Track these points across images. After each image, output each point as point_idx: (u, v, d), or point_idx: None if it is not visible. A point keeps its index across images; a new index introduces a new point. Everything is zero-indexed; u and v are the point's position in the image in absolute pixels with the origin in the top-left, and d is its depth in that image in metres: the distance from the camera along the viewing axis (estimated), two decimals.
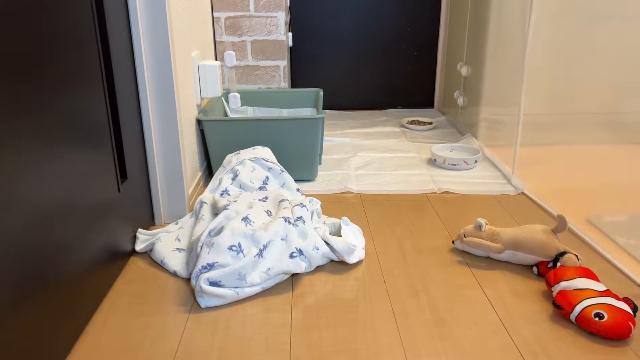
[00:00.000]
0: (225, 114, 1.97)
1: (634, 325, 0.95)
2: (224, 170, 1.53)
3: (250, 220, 1.19)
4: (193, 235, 1.26)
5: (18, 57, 0.78)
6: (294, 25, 2.70)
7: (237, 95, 1.96)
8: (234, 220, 1.18)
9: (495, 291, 1.12)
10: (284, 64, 2.32)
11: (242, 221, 1.18)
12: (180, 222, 1.41)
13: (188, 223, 1.40)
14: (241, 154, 1.55)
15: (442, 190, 1.69)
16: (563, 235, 1.36)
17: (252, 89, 2.11)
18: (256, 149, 1.58)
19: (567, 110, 1.47)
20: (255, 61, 2.31)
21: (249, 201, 1.31)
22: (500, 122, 1.91)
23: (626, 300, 1.00)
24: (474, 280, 1.16)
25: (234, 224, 1.16)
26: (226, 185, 1.46)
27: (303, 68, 2.78)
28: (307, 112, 2.08)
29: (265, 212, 1.26)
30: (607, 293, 1.01)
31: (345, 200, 1.63)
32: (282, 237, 1.17)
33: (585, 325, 0.97)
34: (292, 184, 1.54)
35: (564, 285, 1.04)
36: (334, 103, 2.84)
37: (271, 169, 1.54)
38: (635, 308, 0.99)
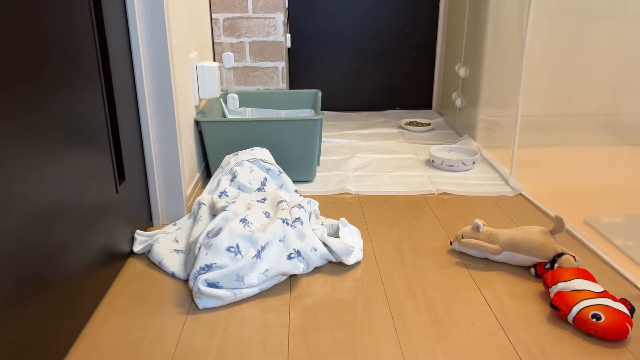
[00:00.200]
0: (224, 115, 1.97)
1: (631, 326, 0.96)
2: (222, 171, 1.53)
3: (248, 222, 1.19)
4: (191, 236, 1.26)
5: (17, 59, 0.78)
6: (293, 26, 2.70)
7: (236, 96, 1.96)
8: (232, 221, 1.18)
9: (493, 292, 1.12)
10: (282, 65, 2.32)
11: (240, 222, 1.18)
12: (178, 223, 1.41)
13: (186, 224, 1.40)
14: (239, 155, 1.56)
15: (440, 192, 1.69)
16: (560, 237, 1.36)
17: (250, 90, 2.11)
18: (254, 150, 1.58)
19: (564, 112, 1.48)
20: (254, 62, 2.31)
21: (247, 202, 1.31)
22: (498, 124, 1.91)
23: (623, 301, 1.00)
24: (472, 282, 1.17)
25: (232, 225, 1.16)
26: (224, 187, 1.46)
27: (301, 69, 2.78)
28: (306, 114, 2.08)
29: (263, 214, 1.26)
30: (604, 294, 1.01)
31: (343, 201, 1.63)
32: (280, 238, 1.17)
33: (583, 327, 0.97)
34: (291, 185, 1.55)
35: (561, 286, 1.04)
36: (333, 104, 2.85)
37: (269, 170, 1.54)
38: (632, 309, 0.99)
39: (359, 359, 0.92)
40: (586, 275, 1.07)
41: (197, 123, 1.68)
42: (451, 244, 1.30)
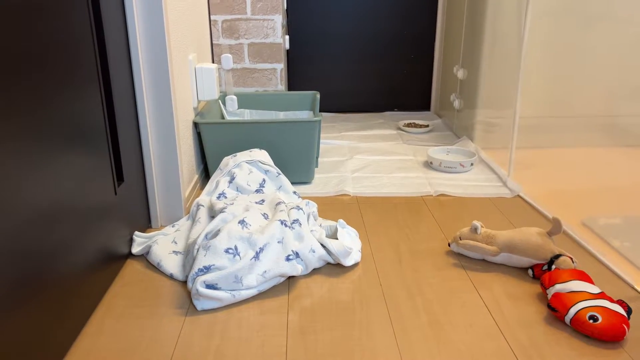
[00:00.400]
0: (222, 117, 1.98)
1: (628, 327, 0.96)
2: (220, 172, 1.53)
3: (246, 223, 1.20)
4: (190, 238, 1.26)
5: (17, 60, 0.78)
6: (291, 28, 2.71)
7: (234, 98, 1.96)
8: (231, 223, 1.18)
9: (491, 294, 1.13)
10: (280, 66, 2.33)
11: (239, 224, 1.18)
12: (176, 225, 1.41)
13: (185, 226, 1.40)
14: (238, 156, 1.56)
15: (438, 193, 1.69)
16: (558, 238, 1.37)
17: (249, 92, 2.12)
18: (253, 152, 1.59)
19: (562, 114, 1.48)
20: (252, 64, 2.31)
21: (245, 204, 1.31)
22: (496, 125, 1.92)
23: (620, 302, 1.00)
24: (470, 283, 1.17)
25: (230, 226, 1.16)
26: (223, 188, 1.46)
27: (300, 71, 2.78)
28: (304, 115, 2.08)
29: (261, 215, 1.26)
30: (601, 295, 1.01)
31: (341, 202, 1.63)
32: (278, 239, 1.18)
33: (580, 328, 0.97)
34: (289, 187, 1.55)
35: (558, 287, 1.04)
36: (331, 106, 2.85)
37: (268, 172, 1.55)
38: (629, 310, 0.99)
39: None
40: (583, 277, 1.07)
41: (196, 125, 1.68)
42: (449, 245, 1.31)
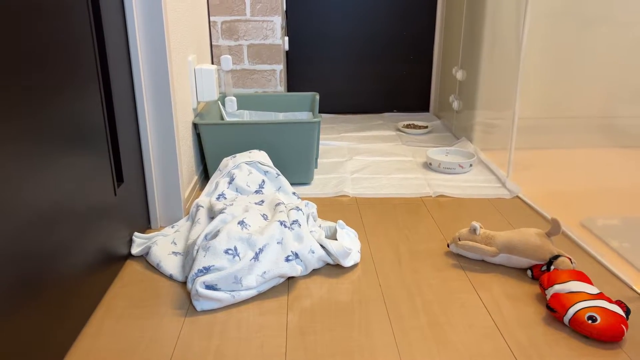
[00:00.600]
0: (222, 118, 1.98)
1: (627, 327, 0.96)
2: (220, 174, 1.53)
3: (246, 224, 1.20)
4: (189, 238, 1.27)
5: (17, 61, 0.78)
6: (290, 29, 2.71)
7: (234, 99, 1.97)
8: (230, 223, 1.19)
9: (490, 294, 1.13)
10: (280, 68, 2.33)
11: (238, 225, 1.18)
12: (176, 226, 1.41)
13: (184, 227, 1.40)
14: (237, 157, 1.56)
15: (437, 194, 1.69)
16: (557, 239, 1.37)
17: (248, 93, 2.12)
18: (252, 153, 1.59)
19: (561, 115, 1.49)
20: (252, 65, 2.32)
21: (245, 205, 1.31)
22: (495, 126, 1.92)
23: (619, 303, 1.01)
24: (469, 284, 1.17)
25: (230, 227, 1.17)
26: (222, 189, 1.47)
27: (299, 72, 2.79)
28: (304, 116, 2.09)
29: (261, 216, 1.26)
30: (600, 296, 1.01)
31: (341, 203, 1.63)
32: (278, 240, 1.18)
33: (579, 328, 0.98)
34: (288, 188, 1.55)
35: (557, 288, 1.04)
36: (330, 107, 2.85)
37: (267, 173, 1.55)
38: (627, 311, 0.99)
39: None
40: (582, 277, 1.07)
41: (195, 126, 1.68)
42: (448, 246, 1.31)
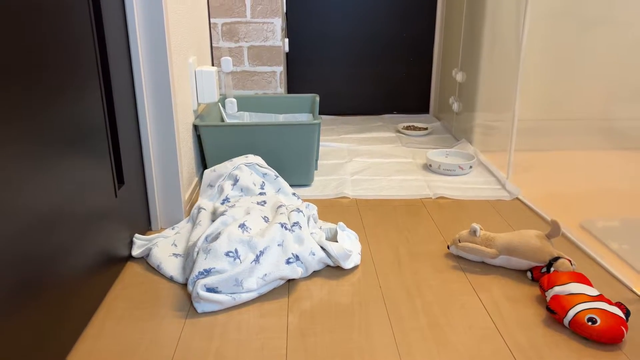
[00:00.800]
0: (222, 120, 1.98)
1: (627, 329, 0.96)
2: (219, 179, 1.51)
3: (247, 227, 1.20)
4: (190, 240, 1.27)
5: (18, 63, 0.79)
6: (290, 31, 2.72)
7: (234, 100, 1.97)
8: (231, 226, 1.19)
9: (490, 296, 1.13)
10: (280, 69, 2.33)
11: (239, 228, 1.19)
12: (176, 227, 1.41)
13: (185, 228, 1.40)
14: (234, 161, 1.55)
15: (437, 196, 1.70)
16: (557, 241, 1.37)
17: (248, 95, 2.12)
18: (249, 157, 1.59)
19: (561, 116, 1.49)
20: (252, 67, 2.32)
21: (246, 206, 1.32)
22: (494, 128, 1.92)
23: (619, 305, 1.01)
24: (469, 285, 1.17)
25: (230, 230, 1.17)
26: (227, 192, 1.46)
27: (299, 74, 2.79)
28: (304, 118, 2.09)
29: (262, 219, 1.26)
30: (600, 298, 1.02)
31: (341, 205, 1.63)
32: (278, 242, 1.18)
33: (579, 330, 0.98)
34: (288, 189, 1.55)
35: (557, 290, 1.05)
36: (330, 108, 2.86)
37: (266, 175, 1.55)
38: (627, 313, 1.00)
39: None
40: (582, 279, 1.07)
41: (196, 127, 1.68)
42: (448, 247, 1.31)
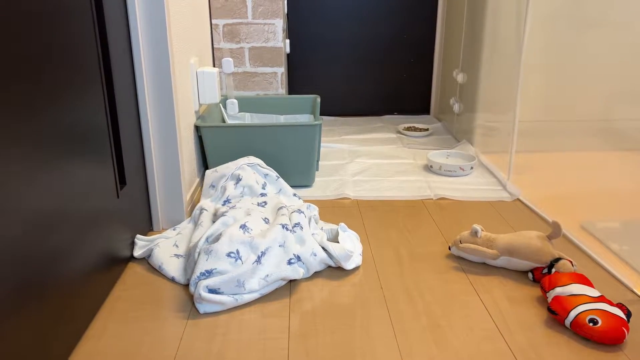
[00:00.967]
0: (223, 120, 1.98)
1: (628, 330, 0.97)
2: (224, 179, 1.52)
3: (248, 228, 1.20)
4: (191, 241, 1.27)
5: (23, 64, 0.79)
6: (292, 32, 2.72)
7: (235, 101, 1.97)
8: (232, 227, 1.19)
9: (491, 297, 1.13)
10: (281, 70, 2.34)
11: (240, 229, 1.19)
12: (178, 228, 1.41)
13: (186, 229, 1.40)
14: (236, 162, 1.55)
15: (438, 197, 1.70)
16: (558, 242, 1.37)
17: (249, 96, 2.12)
18: (250, 158, 1.59)
19: (562, 117, 1.49)
20: (253, 68, 2.32)
21: (247, 207, 1.32)
22: (495, 129, 1.92)
23: (620, 306, 1.01)
24: (470, 286, 1.17)
25: (232, 230, 1.17)
26: (229, 193, 1.46)
27: (300, 75, 2.79)
28: (305, 119, 2.09)
29: (263, 220, 1.27)
30: (601, 299, 1.02)
31: (342, 206, 1.64)
32: (280, 243, 1.18)
33: (580, 331, 0.98)
34: (289, 189, 1.55)
35: (558, 291, 1.05)
36: (331, 109, 2.86)
37: (267, 176, 1.55)
38: (628, 314, 1.00)
39: None
40: (583, 280, 1.07)
41: (197, 128, 1.69)
42: (449, 248, 1.31)
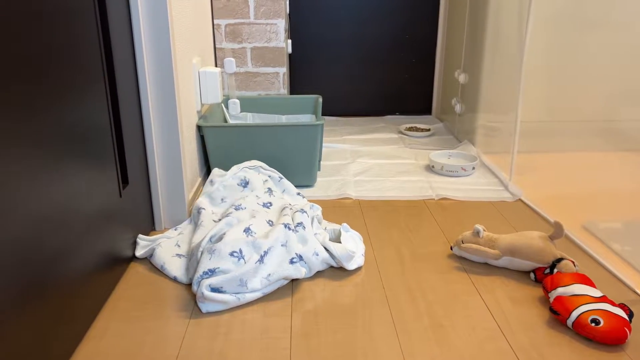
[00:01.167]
0: (225, 120, 1.99)
1: (630, 331, 0.96)
2: (222, 179, 1.52)
3: (251, 232, 1.20)
4: (193, 241, 1.27)
5: (27, 65, 0.79)
6: (294, 32, 2.72)
7: (237, 101, 1.97)
8: (235, 228, 1.19)
9: (493, 297, 1.13)
10: (283, 70, 2.34)
11: (244, 232, 1.19)
12: (179, 228, 1.42)
13: (187, 229, 1.41)
14: (239, 166, 1.55)
15: (440, 197, 1.70)
16: (560, 242, 1.37)
17: (251, 96, 2.13)
18: (252, 162, 1.59)
19: (563, 118, 1.49)
20: (255, 68, 2.32)
21: (252, 209, 1.32)
22: (497, 129, 1.92)
23: (622, 306, 1.01)
24: (472, 286, 1.17)
25: (235, 232, 1.17)
26: (233, 193, 1.46)
27: (302, 75, 2.79)
28: (306, 119, 2.09)
29: (267, 223, 1.27)
30: (603, 299, 1.02)
31: (344, 206, 1.64)
32: (282, 243, 1.18)
33: (582, 331, 0.98)
34: (293, 189, 1.56)
35: (560, 291, 1.05)
36: (333, 109, 2.86)
37: (270, 177, 1.56)
38: (630, 314, 1.00)
39: None
40: (585, 280, 1.07)
41: (199, 128, 1.69)
42: (451, 248, 1.31)
